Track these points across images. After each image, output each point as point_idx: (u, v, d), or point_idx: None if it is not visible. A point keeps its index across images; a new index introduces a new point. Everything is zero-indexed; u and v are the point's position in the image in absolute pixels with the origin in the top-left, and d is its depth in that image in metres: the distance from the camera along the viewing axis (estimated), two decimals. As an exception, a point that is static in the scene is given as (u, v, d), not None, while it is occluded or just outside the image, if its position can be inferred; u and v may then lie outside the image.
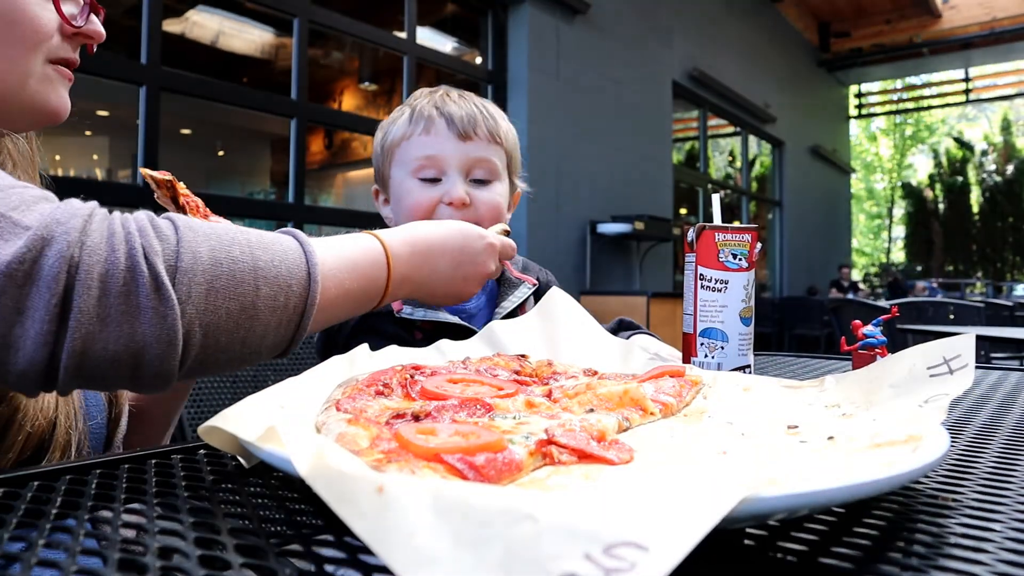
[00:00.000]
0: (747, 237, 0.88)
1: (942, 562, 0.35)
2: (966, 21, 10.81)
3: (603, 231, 5.84)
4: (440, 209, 0.99)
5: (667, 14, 7.07)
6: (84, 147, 8.70)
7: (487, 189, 1.02)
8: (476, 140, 1.01)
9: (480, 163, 1.01)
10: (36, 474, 0.48)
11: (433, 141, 1.00)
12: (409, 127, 1.02)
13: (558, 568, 0.25)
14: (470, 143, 1.00)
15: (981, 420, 0.72)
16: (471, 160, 1.01)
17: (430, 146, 1.00)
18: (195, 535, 0.36)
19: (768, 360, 1.31)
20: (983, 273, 16.44)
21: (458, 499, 0.28)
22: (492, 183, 1.03)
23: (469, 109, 1.02)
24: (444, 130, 1.00)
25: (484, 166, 1.02)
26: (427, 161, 1.00)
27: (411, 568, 0.26)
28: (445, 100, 1.02)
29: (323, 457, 0.33)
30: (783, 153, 10.23)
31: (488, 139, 1.02)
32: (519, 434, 0.47)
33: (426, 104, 1.02)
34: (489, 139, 1.02)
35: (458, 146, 1.00)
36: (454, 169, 1.00)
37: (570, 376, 0.72)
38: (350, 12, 4.55)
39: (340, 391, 0.59)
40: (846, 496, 0.35)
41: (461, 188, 0.99)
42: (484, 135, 1.01)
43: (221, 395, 1.21)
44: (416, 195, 1.00)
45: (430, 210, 0.99)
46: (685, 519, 0.27)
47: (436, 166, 1.00)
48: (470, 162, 1.01)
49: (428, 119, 1.01)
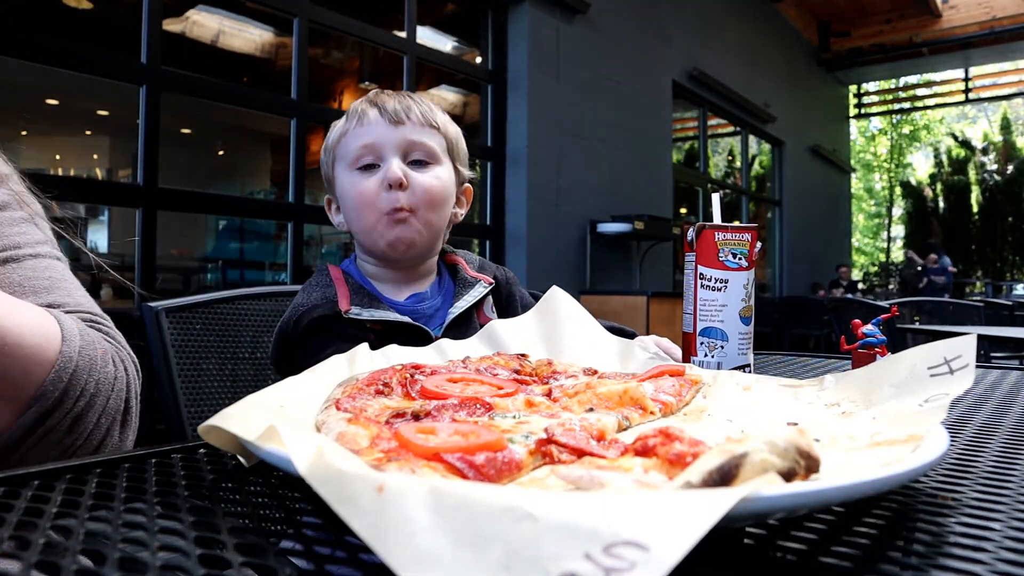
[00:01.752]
0: (747, 236, 0.88)
1: (942, 561, 0.35)
2: (966, 21, 10.80)
3: (603, 231, 5.84)
4: (382, 197, 1.00)
5: (667, 14, 7.06)
6: (84, 147, 8.70)
7: (426, 171, 1.02)
8: (409, 124, 1.02)
9: (416, 145, 1.02)
10: (36, 474, 0.48)
11: (368, 130, 1.02)
12: (346, 124, 1.05)
13: (558, 567, 0.25)
14: (403, 127, 1.02)
15: (981, 419, 0.72)
16: (407, 142, 1.02)
17: (365, 135, 1.02)
18: (195, 534, 0.36)
19: (768, 359, 1.31)
20: (983, 272, 16.43)
21: (458, 498, 0.28)
22: (431, 165, 1.03)
23: (403, 99, 1.04)
24: (377, 118, 1.02)
25: (420, 148, 1.03)
26: (364, 150, 1.01)
27: (411, 567, 0.26)
28: (379, 95, 1.05)
29: (323, 456, 0.33)
30: (783, 153, 10.23)
31: (422, 123, 1.03)
32: (519, 433, 0.47)
33: (360, 102, 1.05)
34: (423, 123, 1.03)
35: (392, 130, 1.01)
36: (390, 152, 1.01)
37: (570, 375, 0.72)
38: (350, 12, 4.55)
39: (340, 390, 0.59)
40: (846, 495, 0.35)
41: (397, 168, 0.99)
42: (417, 119, 1.03)
43: (221, 395, 1.21)
44: (358, 185, 1.01)
45: (373, 197, 1.00)
46: (685, 518, 0.27)
47: (373, 152, 1.02)
48: (406, 144, 1.02)
49: (362, 112, 1.03)
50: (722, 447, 0.35)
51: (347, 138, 1.04)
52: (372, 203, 1.00)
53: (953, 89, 13.94)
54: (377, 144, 1.01)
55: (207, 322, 1.24)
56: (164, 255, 4.73)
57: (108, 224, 8.36)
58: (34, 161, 8.08)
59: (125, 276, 6.51)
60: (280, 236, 7.52)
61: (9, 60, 3.08)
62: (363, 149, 1.01)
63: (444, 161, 1.06)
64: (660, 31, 6.97)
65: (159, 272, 3.54)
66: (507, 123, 5.44)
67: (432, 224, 1.03)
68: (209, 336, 1.23)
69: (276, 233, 8.08)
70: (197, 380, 1.19)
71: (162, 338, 1.16)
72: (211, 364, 1.22)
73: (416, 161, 1.03)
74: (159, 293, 1.32)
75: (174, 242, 6.69)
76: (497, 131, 5.44)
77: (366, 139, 1.01)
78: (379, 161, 1.01)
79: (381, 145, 1.01)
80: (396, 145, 1.01)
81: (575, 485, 0.37)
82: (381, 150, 1.01)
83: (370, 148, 1.01)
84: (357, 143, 1.02)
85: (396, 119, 1.01)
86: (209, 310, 1.25)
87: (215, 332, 1.25)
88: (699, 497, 0.29)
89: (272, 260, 8.17)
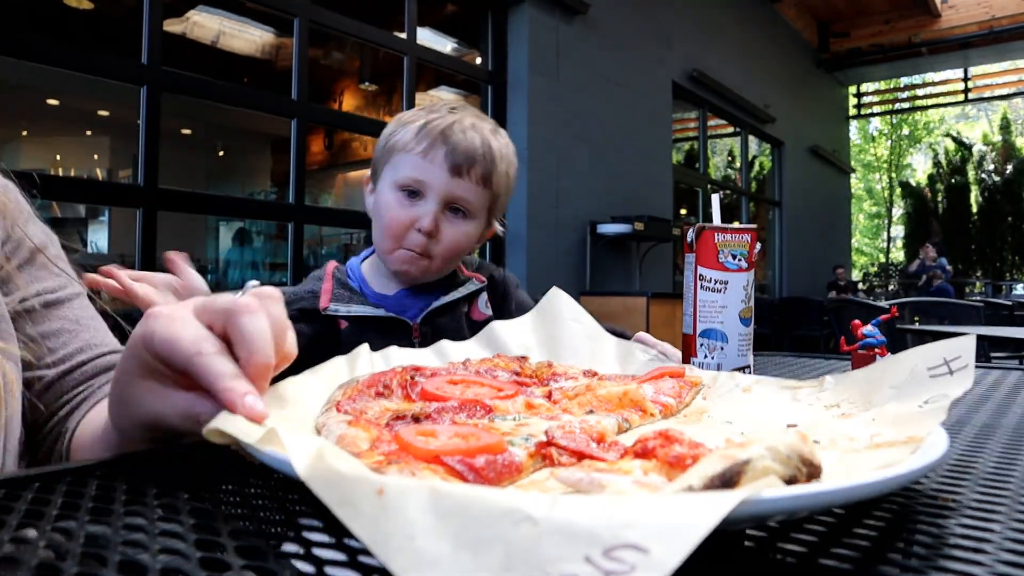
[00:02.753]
0: (746, 237, 0.88)
1: (942, 563, 0.35)
2: (965, 21, 10.80)
3: (603, 231, 5.84)
4: (410, 234, 1.04)
5: (667, 14, 7.07)
6: (84, 147, 8.71)
7: (456, 224, 1.06)
8: (466, 179, 1.05)
9: (461, 200, 1.06)
10: (36, 475, 0.48)
11: (427, 166, 1.04)
12: (413, 141, 1.05)
13: (558, 570, 0.25)
14: (459, 180, 1.04)
15: (981, 420, 0.72)
16: (454, 196, 1.05)
17: (421, 170, 1.04)
18: (196, 537, 0.36)
19: (768, 360, 1.31)
20: (982, 273, 16.43)
21: (458, 501, 0.28)
22: (466, 219, 1.07)
23: (472, 145, 1.04)
24: (440, 160, 1.03)
25: (464, 204, 1.06)
26: (414, 182, 1.05)
27: (411, 570, 0.26)
28: (453, 129, 1.05)
29: (323, 459, 0.33)
30: (783, 153, 10.23)
31: (478, 182, 1.06)
32: (519, 436, 0.47)
33: (437, 125, 1.05)
34: (479, 182, 1.06)
35: (447, 180, 1.04)
36: (435, 196, 1.04)
37: (570, 377, 0.72)
38: (350, 12, 4.55)
39: (341, 392, 0.59)
40: (845, 498, 0.35)
41: (432, 220, 1.03)
42: (476, 177, 1.05)
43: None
44: (395, 211, 1.05)
45: (401, 230, 1.04)
46: (685, 521, 0.27)
47: (421, 187, 1.05)
48: (452, 197, 1.05)
49: (432, 142, 1.04)
50: (724, 453, 0.35)
51: (407, 156, 1.05)
52: (398, 235, 1.05)
53: (953, 89, 13.94)
54: (427, 183, 1.04)
55: (207, 323, 1.24)
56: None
57: (108, 224, 8.37)
58: (34, 161, 8.09)
59: (125, 277, 6.46)
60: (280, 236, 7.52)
61: (9, 60, 3.08)
62: (413, 181, 1.04)
63: (480, 217, 1.09)
64: (660, 32, 6.97)
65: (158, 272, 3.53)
66: (507, 124, 5.44)
67: (445, 267, 1.10)
68: (209, 337, 1.23)
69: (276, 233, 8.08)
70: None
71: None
72: (211, 365, 1.22)
73: (455, 209, 1.06)
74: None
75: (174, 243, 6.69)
76: (497, 132, 5.43)
77: (420, 175, 1.04)
78: (421, 196, 1.05)
79: (430, 186, 1.04)
80: (444, 194, 1.04)
81: (574, 488, 0.37)
82: (428, 190, 1.04)
83: (420, 184, 1.04)
84: (411, 172, 1.04)
85: (456, 172, 1.04)
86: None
87: (215, 333, 1.24)
88: (699, 500, 0.29)
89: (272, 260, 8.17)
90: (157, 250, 3.52)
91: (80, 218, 8.27)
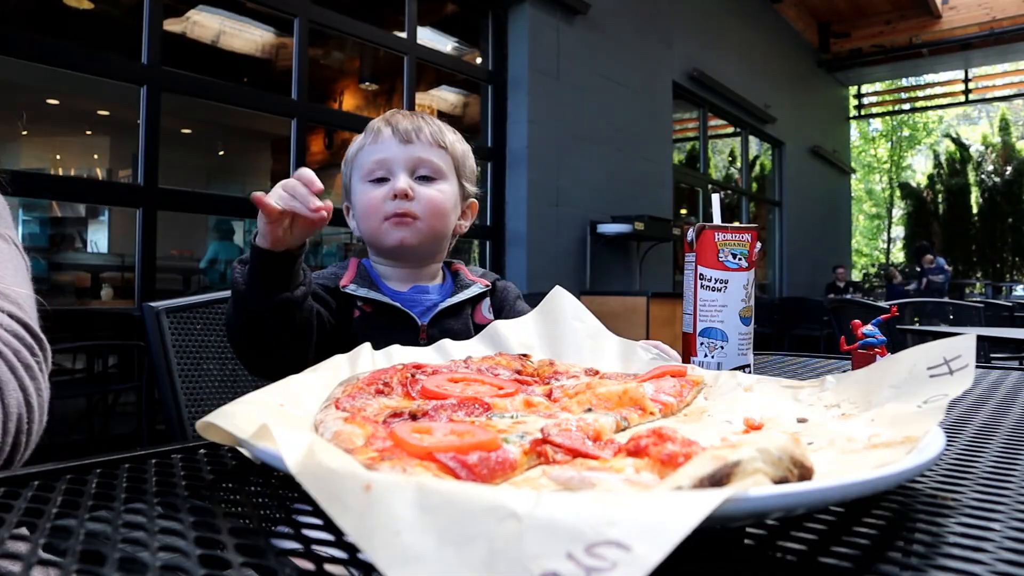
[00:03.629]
0: (747, 237, 0.88)
1: (941, 562, 0.35)
2: (966, 22, 10.80)
3: (603, 231, 5.84)
4: (387, 204, 1.10)
5: (667, 14, 7.07)
6: (84, 147, 8.70)
7: (431, 185, 1.13)
8: (418, 143, 1.12)
9: (423, 162, 1.12)
10: (36, 474, 0.48)
11: (381, 147, 1.12)
12: (363, 139, 1.16)
13: (540, 567, 0.25)
14: (412, 146, 1.12)
15: (980, 420, 0.72)
16: (415, 159, 1.11)
17: (378, 151, 1.12)
18: (195, 534, 0.36)
19: (768, 360, 1.31)
20: (982, 273, 16.42)
21: (444, 497, 0.29)
22: (436, 181, 1.13)
23: (415, 120, 1.14)
24: (390, 137, 1.12)
25: (427, 165, 1.12)
26: (376, 164, 1.12)
27: (396, 565, 0.26)
28: (394, 115, 1.16)
29: (313, 455, 0.33)
30: (783, 153, 10.23)
31: (431, 143, 1.13)
32: (514, 433, 0.47)
33: (377, 120, 1.16)
34: (432, 143, 1.13)
35: (402, 148, 1.11)
36: (399, 167, 1.11)
37: (571, 376, 0.72)
38: (350, 12, 4.55)
39: (341, 389, 0.59)
40: (838, 495, 0.35)
41: (404, 181, 1.10)
42: (427, 139, 1.13)
43: (221, 395, 1.21)
44: (368, 194, 1.11)
45: (380, 205, 1.10)
46: (667, 518, 0.27)
47: (384, 167, 1.11)
48: (414, 161, 1.11)
49: (377, 130, 1.14)
50: (715, 454, 0.35)
51: (363, 152, 1.14)
52: (378, 209, 1.10)
53: (953, 90, 13.93)
54: (388, 160, 1.11)
55: (207, 322, 1.24)
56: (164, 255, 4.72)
57: (108, 224, 8.36)
58: (34, 161, 8.08)
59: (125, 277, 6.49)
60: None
61: (9, 60, 3.09)
62: (375, 164, 1.12)
63: (449, 178, 1.16)
64: (660, 32, 6.97)
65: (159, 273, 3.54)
66: (507, 124, 5.45)
67: (435, 230, 1.13)
68: (209, 336, 1.24)
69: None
70: (197, 380, 1.19)
71: (162, 338, 1.16)
72: (211, 364, 1.22)
73: (423, 177, 1.13)
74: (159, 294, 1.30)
75: (174, 242, 6.69)
76: (497, 132, 5.44)
77: (379, 155, 1.12)
78: (389, 175, 1.11)
79: (392, 161, 1.11)
80: (405, 162, 1.11)
81: (565, 486, 0.37)
82: (391, 165, 1.11)
83: (382, 163, 1.11)
84: (371, 158, 1.12)
85: (407, 139, 1.12)
86: (209, 310, 1.25)
87: (215, 332, 1.25)
88: (682, 498, 0.29)
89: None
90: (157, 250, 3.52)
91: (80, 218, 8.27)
